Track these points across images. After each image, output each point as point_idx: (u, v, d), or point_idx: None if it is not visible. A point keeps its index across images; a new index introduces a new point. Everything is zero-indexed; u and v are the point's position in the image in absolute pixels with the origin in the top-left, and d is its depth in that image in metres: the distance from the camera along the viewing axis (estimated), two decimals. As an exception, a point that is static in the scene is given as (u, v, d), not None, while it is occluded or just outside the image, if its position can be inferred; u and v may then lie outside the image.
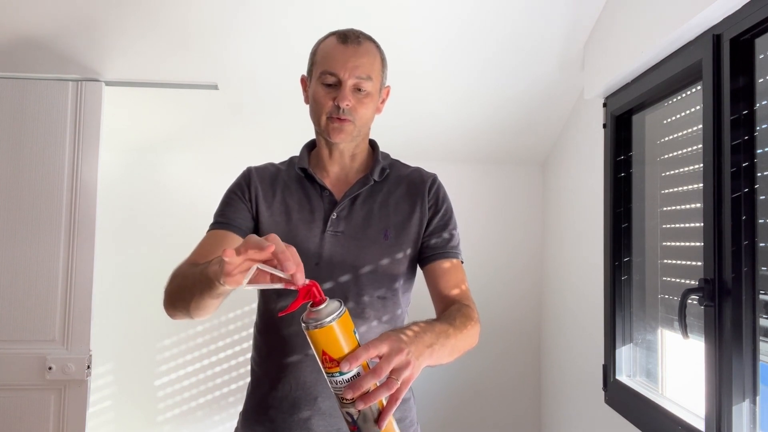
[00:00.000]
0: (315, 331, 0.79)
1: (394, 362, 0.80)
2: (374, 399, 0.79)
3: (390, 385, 0.80)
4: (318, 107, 1.16)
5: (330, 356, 0.79)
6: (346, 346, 0.80)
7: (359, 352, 0.79)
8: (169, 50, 2.04)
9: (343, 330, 0.80)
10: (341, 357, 0.79)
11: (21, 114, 2.04)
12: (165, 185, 2.66)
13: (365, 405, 0.79)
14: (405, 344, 0.84)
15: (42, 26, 1.93)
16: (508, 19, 1.91)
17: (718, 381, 1.31)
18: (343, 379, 0.79)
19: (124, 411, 2.62)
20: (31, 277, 2.01)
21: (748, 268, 1.28)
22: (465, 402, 2.68)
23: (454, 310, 1.10)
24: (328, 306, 0.80)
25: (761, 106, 1.28)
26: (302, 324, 0.81)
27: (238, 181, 1.26)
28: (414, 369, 0.84)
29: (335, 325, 0.79)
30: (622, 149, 1.91)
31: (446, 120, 2.42)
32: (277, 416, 1.17)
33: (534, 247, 2.73)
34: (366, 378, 0.79)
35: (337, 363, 0.79)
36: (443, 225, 1.23)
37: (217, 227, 1.20)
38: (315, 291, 0.80)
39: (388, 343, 0.82)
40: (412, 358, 0.84)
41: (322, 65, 1.15)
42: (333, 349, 0.79)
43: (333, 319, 0.79)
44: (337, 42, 1.15)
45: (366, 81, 1.14)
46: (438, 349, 0.93)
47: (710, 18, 1.34)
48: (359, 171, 1.25)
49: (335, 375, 0.79)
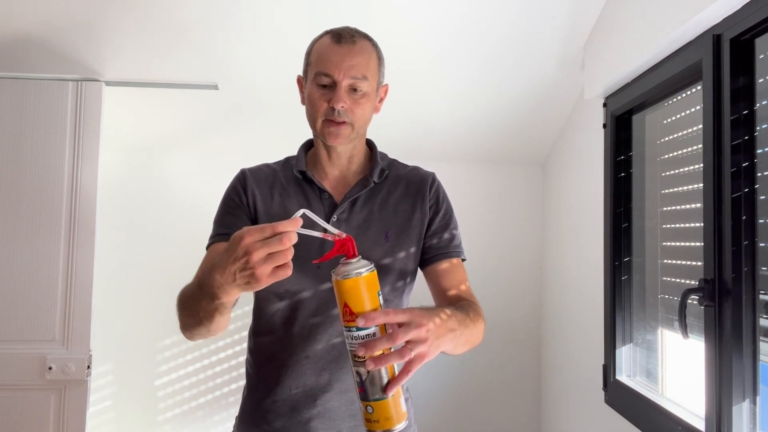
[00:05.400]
0: (341, 281, 0.82)
1: (411, 333, 0.81)
2: (384, 362, 0.80)
3: (403, 353, 0.80)
4: (313, 109, 1.13)
5: (350, 309, 0.82)
6: (368, 302, 0.82)
7: (378, 313, 0.81)
8: (169, 50, 2.04)
9: (368, 287, 0.83)
10: (360, 311, 0.81)
11: (21, 114, 2.04)
12: (165, 185, 2.66)
13: (375, 366, 0.80)
14: (427, 321, 0.84)
15: (42, 26, 1.93)
16: (508, 18, 1.91)
17: (718, 381, 1.31)
18: (359, 335, 0.81)
19: (124, 411, 2.62)
20: (31, 277, 2.01)
21: (748, 268, 1.28)
22: (464, 402, 2.68)
23: (466, 305, 1.09)
24: (359, 261, 0.83)
25: (761, 106, 1.28)
26: (332, 275, 0.83)
27: (233, 184, 1.23)
28: (431, 347, 0.84)
29: (361, 279, 0.82)
30: (622, 149, 1.91)
31: (446, 119, 2.42)
32: (275, 420, 1.15)
33: (534, 247, 2.73)
34: (381, 340, 0.80)
35: (356, 317, 0.81)
36: (444, 225, 1.22)
37: (219, 240, 1.17)
38: (350, 246, 0.84)
39: (410, 315, 0.83)
40: (432, 337, 0.84)
41: (316, 66, 1.12)
42: (354, 302, 0.82)
43: (360, 273, 0.82)
44: (332, 41, 1.12)
45: (362, 81, 1.11)
46: (458, 336, 0.94)
47: (710, 18, 1.34)
48: (358, 172, 1.24)
49: (352, 329, 0.82)
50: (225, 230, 1.16)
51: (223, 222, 1.19)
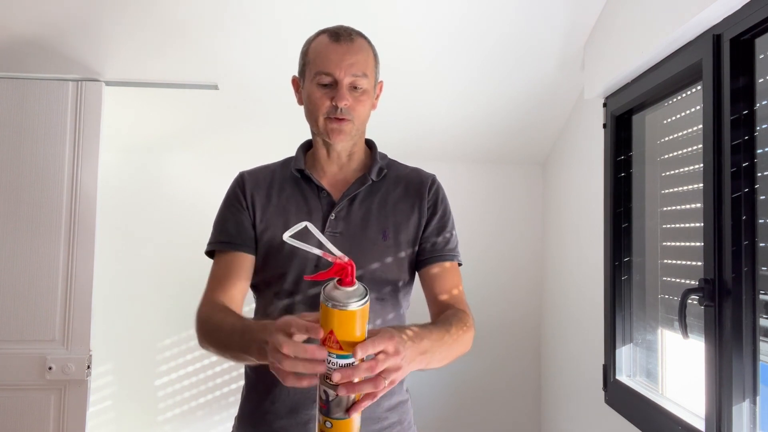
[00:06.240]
0: (334, 310, 0.77)
1: (388, 362, 0.81)
2: (358, 390, 0.80)
3: (377, 383, 0.80)
4: (315, 108, 1.13)
5: (336, 337, 0.77)
6: (358, 333, 0.79)
7: (367, 346, 0.79)
8: (169, 50, 2.04)
9: (361, 319, 0.79)
10: (346, 342, 0.78)
11: (21, 114, 2.04)
12: (165, 185, 2.66)
13: (346, 393, 0.79)
14: (402, 348, 0.84)
15: (42, 26, 1.93)
16: (508, 18, 1.91)
17: (718, 381, 1.31)
18: (337, 363, 0.78)
19: (124, 411, 2.62)
20: (32, 277, 2.01)
21: (748, 268, 1.28)
22: (465, 402, 2.68)
23: (450, 316, 1.09)
24: (356, 290, 0.79)
25: (761, 106, 1.28)
26: (322, 296, 0.79)
27: (232, 188, 1.23)
28: (402, 373, 0.85)
29: (357, 313, 0.78)
30: (622, 149, 1.91)
31: (446, 119, 2.42)
32: (274, 421, 1.15)
33: (534, 247, 2.73)
34: (359, 369, 0.79)
35: (340, 345, 0.78)
36: (440, 227, 1.21)
37: (224, 248, 1.18)
38: (349, 271, 0.78)
39: (393, 343, 0.82)
40: (404, 363, 0.84)
41: (315, 65, 1.12)
42: (343, 332, 0.78)
43: (356, 306, 0.78)
44: (330, 40, 1.13)
45: (362, 78, 1.12)
46: (430, 356, 0.94)
47: (710, 18, 1.33)
48: (357, 171, 1.23)
49: (332, 355, 0.78)
50: (227, 238, 1.18)
51: (224, 229, 1.20)
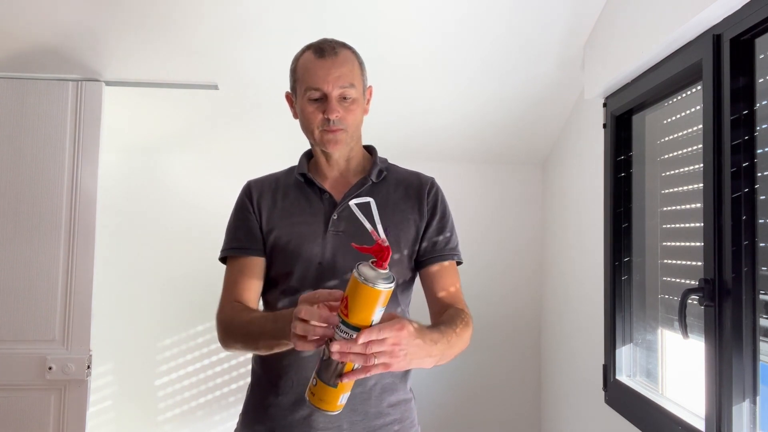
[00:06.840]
0: (361, 284, 0.84)
1: (385, 346, 0.86)
2: (347, 359, 0.86)
3: (367, 359, 0.86)
4: (309, 123, 1.20)
5: (351, 308, 0.85)
6: (372, 313, 0.86)
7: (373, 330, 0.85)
8: (169, 50, 2.04)
9: (383, 301, 0.86)
10: (358, 316, 0.85)
11: (21, 114, 2.04)
12: (165, 185, 2.66)
13: (339, 358, 0.86)
14: (407, 344, 0.89)
15: (42, 26, 1.93)
16: (508, 18, 1.90)
17: (718, 381, 1.31)
18: (342, 329, 0.86)
19: (124, 411, 2.62)
20: (31, 277, 2.01)
21: (748, 268, 1.28)
22: (465, 402, 2.68)
23: (454, 316, 1.13)
24: (386, 274, 0.86)
25: (761, 106, 1.28)
26: (356, 268, 0.86)
27: (240, 197, 1.30)
28: (399, 366, 0.89)
29: (382, 293, 0.85)
30: (622, 149, 1.91)
31: (446, 119, 2.42)
32: (277, 414, 1.19)
33: (534, 247, 2.73)
34: (356, 345, 0.85)
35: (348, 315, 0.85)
36: (441, 228, 1.25)
37: (235, 254, 1.24)
38: (386, 254, 0.86)
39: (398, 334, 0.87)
40: (405, 357, 0.89)
41: (304, 82, 1.19)
42: (358, 305, 0.85)
43: (382, 287, 0.85)
44: (315, 56, 1.18)
45: (350, 89, 1.18)
46: (435, 359, 0.99)
47: (710, 18, 1.33)
48: (357, 173, 1.29)
49: (342, 325, 0.86)
50: (238, 244, 1.26)
51: (236, 237, 1.27)
